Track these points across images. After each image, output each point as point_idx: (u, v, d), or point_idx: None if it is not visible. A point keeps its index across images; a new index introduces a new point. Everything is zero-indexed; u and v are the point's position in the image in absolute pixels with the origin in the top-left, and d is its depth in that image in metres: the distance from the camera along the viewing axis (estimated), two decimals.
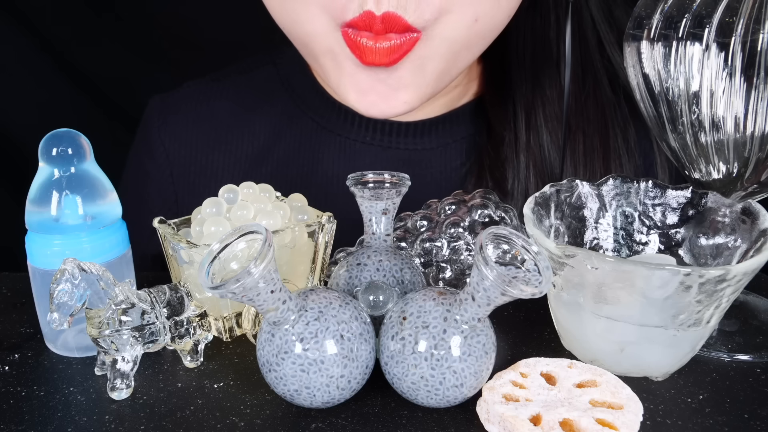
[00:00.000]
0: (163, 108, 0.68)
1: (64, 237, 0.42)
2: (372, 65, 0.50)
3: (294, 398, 0.37)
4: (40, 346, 0.44)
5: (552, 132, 0.61)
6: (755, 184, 0.41)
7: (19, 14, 0.85)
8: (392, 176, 0.43)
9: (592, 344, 0.41)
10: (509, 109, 0.62)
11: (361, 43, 0.49)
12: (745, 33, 0.37)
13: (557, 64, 0.62)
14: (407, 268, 0.43)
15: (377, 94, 0.52)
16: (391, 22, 0.48)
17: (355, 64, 0.51)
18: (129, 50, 0.89)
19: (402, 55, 0.50)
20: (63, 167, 0.41)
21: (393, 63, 0.50)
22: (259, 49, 0.69)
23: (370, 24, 0.48)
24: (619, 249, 0.47)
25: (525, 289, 0.33)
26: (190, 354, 0.42)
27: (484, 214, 0.50)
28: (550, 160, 0.61)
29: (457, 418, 0.37)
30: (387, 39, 0.49)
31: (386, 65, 0.50)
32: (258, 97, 0.66)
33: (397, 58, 0.50)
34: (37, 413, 0.38)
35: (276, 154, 0.65)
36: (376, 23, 0.48)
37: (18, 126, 0.86)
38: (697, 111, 0.39)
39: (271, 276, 0.34)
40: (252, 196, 0.47)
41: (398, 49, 0.49)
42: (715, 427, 0.37)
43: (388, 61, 0.50)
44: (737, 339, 0.45)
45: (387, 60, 0.50)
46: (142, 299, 0.40)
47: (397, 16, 0.48)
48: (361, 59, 0.50)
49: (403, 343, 0.37)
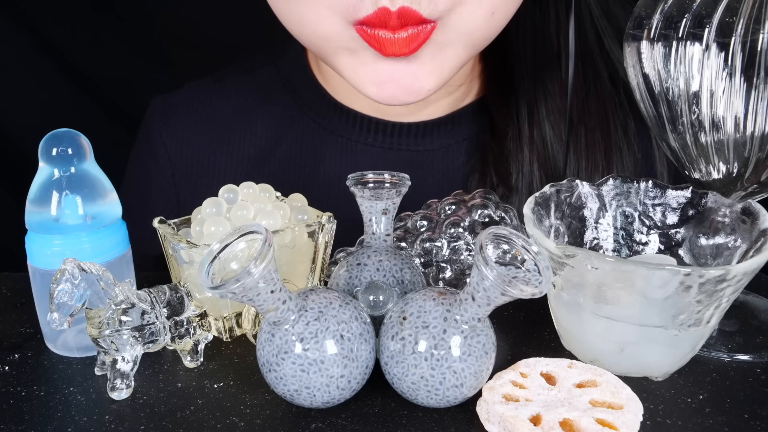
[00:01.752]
0: (165, 108, 0.68)
1: (64, 237, 0.42)
2: (393, 56, 0.50)
3: (294, 398, 0.37)
4: (40, 346, 0.44)
5: (554, 126, 0.61)
6: (755, 184, 0.41)
7: (19, 14, 0.85)
8: (392, 176, 0.43)
9: (592, 344, 0.41)
10: (512, 104, 0.62)
11: (380, 36, 0.49)
12: (745, 33, 0.37)
13: (558, 58, 0.62)
14: (407, 268, 0.43)
15: (396, 83, 0.52)
16: (406, 16, 0.48)
17: (374, 56, 0.51)
18: (129, 50, 0.89)
19: (421, 43, 0.50)
20: (63, 167, 0.41)
21: (413, 52, 0.50)
22: (260, 48, 0.69)
23: (386, 20, 0.48)
24: (619, 249, 0.47)
25: (525, 289, 0.33)
26: (190, 354, 0.42)
27: (484, 214, 0.50)
28: (553, 154, 0.61)
29: (457, 418, 0.37)
30: (404, 29, 0.49)
31: (406, 54, 0.50)
32: (259, 98, 0.66)
33: (417, 47, 0.50)
34: (37, 413, 0.38)
35: (277, 154, 0.65)
36: (392, 19, 0.48)
37: (18, 126, 0.86)
38: (697, 111, 0.39)
39: (271, 276, 0.34)
40: (252, 196, 0.47)
41: (416, 38, 0.49)
42: (715, 427, 0.37)
43: (408, 51, 0.50)
44: (737, 339, 0.45)
45: (407, 49, 0.49)
46: (142, 299, 0.40)
47: (412, 10, 0.48)
48: (382, 51, 0.50)
49: (403, 343, 0.37)
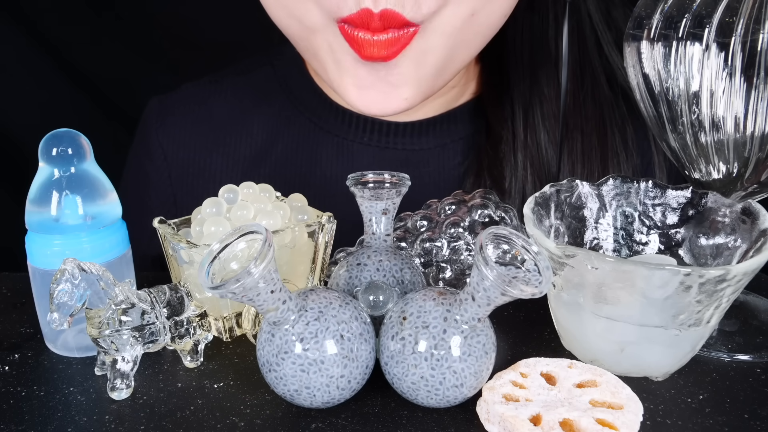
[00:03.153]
0: (162, 110, 0.68)
1: (64, 237, 0.42)
2: (371, 59, 0.50)
3: (294, 398, 0.37)
4: (40, 346, 0.44)
5: (549, 130, 0.61)
6: (755, 184, 0.41)
7: (19, 14, 0.85)
8: (392, 176, 0.43)
9: (592, 344, 0.41)
10: (507, 107, 0.62)
11: (359, 36, 0.49)
12: (745, 33, 0.37)
13: (555, 62, 0.62)
14: (407, 268, 0.43)
15: (377, 91, 0.52)
16: (389, 18, 0.48)
17: (354, 59, 0.51)
18: (129, 50, 0.88)
19: (401, 48, 0.49)
20: (63, 167, 0.41)
21: (392, 56, 0.49)
22: (259, 49, 0.69)
23: (368, 21, 0.48)
24: (619, 249, 0.47)
25: (525, 289, 0.33)
26: (190, 354, 0.42)
27: (484, 214, 0.50)
28: (547, 159, 0.61)
29: (457, 418, 0.37)
30: (385, 32, 0.48)
31: (385, 59, 0.50)
32: (256, 98, 0.66)
33: (396, 51, 0.49)
34: (37, 413, 0.38)
35: (274, 155, 0.65)
36: (374, 20, 0.48)
37: (18, 126, 0.86)
38: (697, 111, 0.39)
39: (271, 276, 0.34)
40: (252, 196, 0.47)
41: (396, 42, 0.49)
42: (715, 427, 0.37)
43: (387, 54, 0.49)
44: (737, 339, 0.45)
45: (386, 53, 0.49)
46: (142, 299, 0.40)
47: (395, 12, 0.47)
48: (360, 53, 0.50)
49: (403, 343, 0.37)
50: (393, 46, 0.49)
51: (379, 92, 0.52)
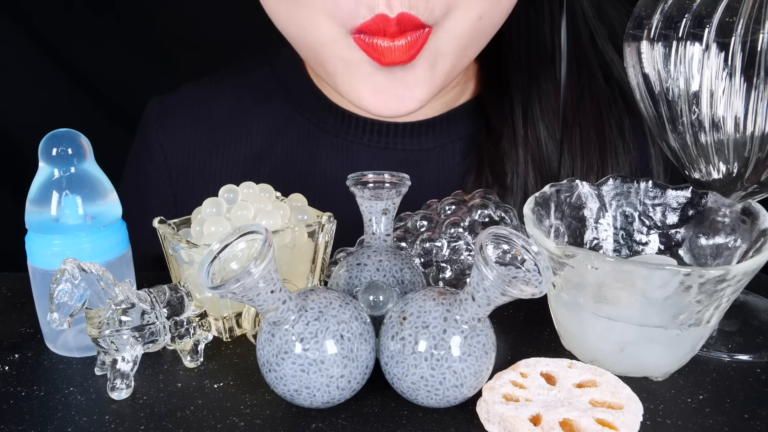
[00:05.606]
0: (162, 110, 0.68)
1: (64, 237, 0.42)
2: (392, 65, 0.50)
3: (294, 398, 0.37)
4: (40, 346, 0.44)
5: (549, 125, 0.61)
6: (755, 184, 0.41)
7: (18, 14, 0.85)
8: (392, 176, 0.43)
9: (592, 344, 0.41)
10: (506, 104, 0.62)
11: (378, 45, 0.49)
12: (745, 33, 0.37)
13: (552, 57, 0.62)
14: (407, 268, 0.43)
15: (392, 94, 0.52)
16: (405, 22, 0.48)
17: (372, 67, 0.51)
18: (129, 50, 0.88)
19: (418, 50, 0.50)
20: (63, 167, 0.41)
21: (412, 59, 0.50)
22: (259, 49, 0.69)
23: (384, 27, 0.48)
24: (619, 249, 0.47)
25: (525, 289, 0.33)
26: (190, 354, 0.42)
27: (484, 214, 0.50)
28: (547, 154, 0.61)
29: (457, 418, 0.37)
30: (403, 36, 0.49)
31: (405, 62, 0.50)
32: (255, 99, 0.66)
33: (415, 54, 0.50)
34: (37, 413, 0.38)
35: (273, 155, 0.65)
36: (391, 25, 0.48)
37: (18, 126, 0.86)
38: (697, 111, 0.39)
39: (271, 276, 0.34)
40: (252, 196, 0.47)
41: (414, 45, 0.49)
42: (715, 427, 0.37)
43: (407, 57, 0.49)
44: (737, 339, 0.45)
45: (406, 56, 0.49)
46: (142, 299, 0.40)
47: (411, 15, 0.48)
48: (380, 61, 0.50)
49: (403, 343, 0.37)
50: (412, 49, 0.49)
51: (393, 95, 0.52)
